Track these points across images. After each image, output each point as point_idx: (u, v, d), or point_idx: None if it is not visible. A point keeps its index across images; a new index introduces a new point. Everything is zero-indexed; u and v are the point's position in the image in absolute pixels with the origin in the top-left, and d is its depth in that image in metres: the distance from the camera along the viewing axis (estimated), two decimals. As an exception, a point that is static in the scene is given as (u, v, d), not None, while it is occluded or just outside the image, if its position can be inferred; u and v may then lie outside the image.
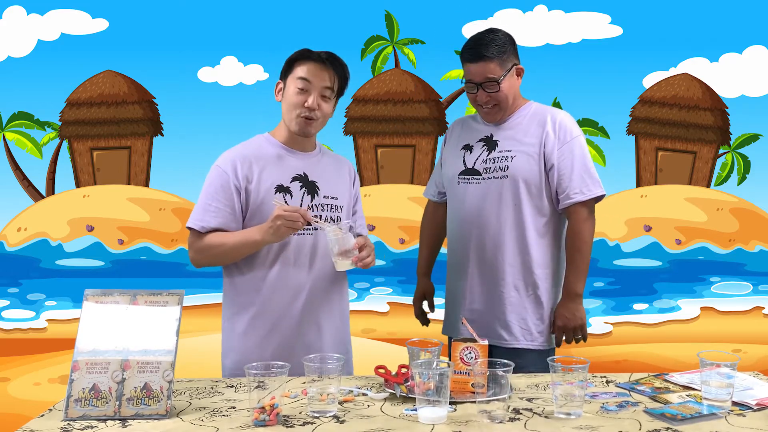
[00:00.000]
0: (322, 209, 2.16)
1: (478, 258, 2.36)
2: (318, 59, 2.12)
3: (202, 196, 2.12)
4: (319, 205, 2.16)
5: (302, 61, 2.12)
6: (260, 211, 2.10)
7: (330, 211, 2.18)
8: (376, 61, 3.78)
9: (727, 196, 3.75)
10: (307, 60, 2.12)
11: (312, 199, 2.15)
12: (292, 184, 2.14)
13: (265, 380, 1.61)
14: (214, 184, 2.11)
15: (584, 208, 2.31)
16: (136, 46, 3.68)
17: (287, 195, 2.12)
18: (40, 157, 3.73)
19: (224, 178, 2.10)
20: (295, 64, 2.13)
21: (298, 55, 2.14)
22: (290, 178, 2.14)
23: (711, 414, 1.60)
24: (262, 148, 2.17)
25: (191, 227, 2.11)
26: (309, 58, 2.12)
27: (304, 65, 2.12)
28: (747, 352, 3.62)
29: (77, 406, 1.62)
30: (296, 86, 2.11)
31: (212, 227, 2.09)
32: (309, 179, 2.17)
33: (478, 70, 2.30)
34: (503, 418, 1.58)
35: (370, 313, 3.68)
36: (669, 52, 3.72)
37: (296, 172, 2.16)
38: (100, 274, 3.69)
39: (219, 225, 2.09)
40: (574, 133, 2.33)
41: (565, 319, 2.32)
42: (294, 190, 2.14)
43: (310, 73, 2.11)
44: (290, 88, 2.13)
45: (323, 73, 2.12)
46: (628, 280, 3.72)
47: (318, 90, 2.11)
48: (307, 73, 2.11)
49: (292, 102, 2.12)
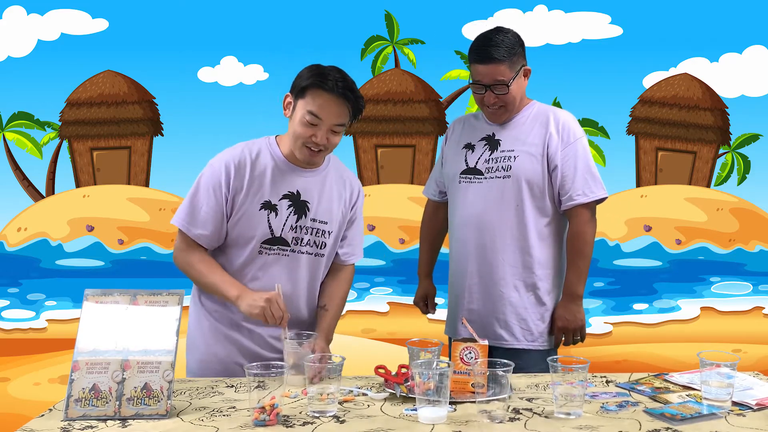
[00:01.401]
0: (305, 232, 2.08)
1: (478, 258, 2.36)
2: (332, 91, 1.96)
3: (192, 194, 2.06)
4: (304, 227, 2.08)
5: (316, 90, 1.97)
6: (241, 223, 2.05)
7: (314, 235, 2.10)
8: (376, 61, 3.78)
9: (727, 196, 3.75)
10: (320, 90, 1.96)
11: (298, 219, 2.07)
12: (281, 202, 2.06)
13: (265, 380, 1.61)
14: (206, 186, 2.05)
15: (586, 210, 2.31)
16: (136, 46, 3.68)
17: (272, 213, 2.05)
18: (40, 157, 3.73)
19: (217, 182, 2.04)
20: (308, 91, 1.98)
21: (312, 80, 1.98)
22: (280, 195, 2.06)
23: (711, 414, 1.60)
24: (261, 158, 2.07)
25: (180, 228, 2.07)
26: (323, 87, 1.96)
27: (317, 96, 1.97)
28: (747, 352, 3.62)
29: (77, 406, 1.62)
30: (305, 118, 1.98)
31: (199, 233, 2.05)
32: (300, 198, 2.08)
33: (487, 71, 2.26)
34: (503, 418, 1.58)
35: (370, 313, 3.68)
36: (669, 52, 3.72)
37: (288, 190, 2.07)
38: (100, 274, 3.69)
39: (207, 233, 2.04)
40: (578, 135, 2.33)
41: (565, 321, 2.32)
42: (281, 208, 2.06)
43: (322, 109, 1.97)
44: (298, 115, 2.00)
45: (336, 108, 1.98)
46: (628, 280, 3.72)
47: (328, 126, 1.99)
48: (318, 109, 1.97)
49: (298, 132, 2.01)
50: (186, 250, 2.08)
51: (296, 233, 2.07)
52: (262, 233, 2.05)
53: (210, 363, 2.09)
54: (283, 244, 2.06)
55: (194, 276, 2.09)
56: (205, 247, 2.08)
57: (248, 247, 2.06)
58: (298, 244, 2.08)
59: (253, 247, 2.06)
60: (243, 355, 2.08)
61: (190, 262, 2.07)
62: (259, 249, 2.06)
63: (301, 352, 1.89)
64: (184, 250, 2.08)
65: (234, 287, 2.02)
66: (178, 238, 2.11)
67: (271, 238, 2.06)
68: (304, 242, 2.09)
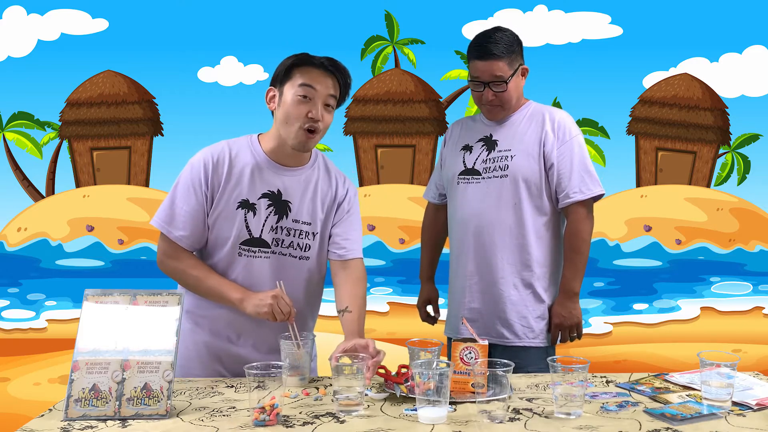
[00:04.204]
0: (286, 233, 2.01)
1: (477, 257, 2.36)
2: (320, 65, 1.96)
3: (172, 194, 1.99)
4: (284, 228, 2.00)
5: (303, 67, 1.95)
6: (218, 224, 1.98)
7: (296, 237, 2.02)
8: (376, 61, 3.78)
9: (727, 196, 3.75)
10: (308, 65, 1.96)
11: (278, 220, 1.99)
12: (260, 201, 1.98)
13: (265, 380, 1.61)
14: (185, 186, 1.98)
15: (583, 208, 2.32)
16: (136, 46, 3.68)
17: (250, 212, 1.97)
18: (40, 157, 3.73)
19: (196, 181, 1.97)
20: (294, 69, 1.96)
21: (297, 60, 1.97)
22: (259, 194, 1.99)
23: (711, 414, 1.60)
24: (241, 155, 2.01)
25: (160, 230, 2.00)
26: (310, 63, 1.96)
27: (305, 71, 1.95)
28: (747, 352, 3.62)
29: (77, 406, 1.62)
30: (297, 94, 1.94)
31: (180, 235, 1.97)
32: (281, 198, 2.00)
33: (486, 68, 2.28)
34: (503, 418, 1.58)
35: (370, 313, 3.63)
36: (669, 52, 3.72)
37: (269, 189, 2.00)
38: (100, 274, 3.69)
39: (187, 234, 1.97)
40: (573, 133, 2.34)
41: (561, 318, 2.33)
42: (260, 208, 1.98)
43: (313, 79, 1.94)
44: (289, 97, 1.95)
45: (326, 79, 1.96)
46: (628, 280, 3.72)
47: (322, 98, 1.95)
48: (310, 80, 1.94)
49: (292, 113, 1.95)
50: (174, 256, 2.00)
51: (276, 234, 2.00)
52: (238, 234, 1.98)
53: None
54: (263, 246, 1.99)
55: (190, 282, 2.00)
56: (188, 249, 2.01)
57: (225, 249, 1.99)
58: (279, 246, 2.01)
59: (230, 249, 1.99)
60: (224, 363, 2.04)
61: (182, 269, 2.00)
62: (238, 251, 1.99)
63: (298, 354, 1.89)
64: (172, 256, 2.00)
65: (236, 290, 1.97)
66: (161, 242, 2.02)
67: (249, 239, 1.98)
68: (285, 244, 2.01)
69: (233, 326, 2.04)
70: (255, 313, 1.93)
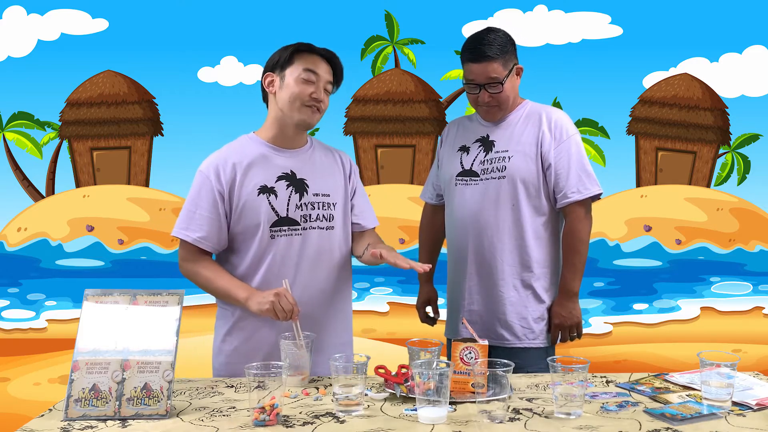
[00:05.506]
0: (312, 207, 2.10)
1: (476, 259, 2.36)
2: (319, 52, 2.11)
3: (187, 203, 2.08)
4: (308, 204, 2.10)
5: (305, 54, 2.09)
6: (244, 215, 2.05)
7: (322, 209, 2.11)
8: (376, 61, 3.78)
9: (727, 196, 3.75)
10: (308, 52, 2.09)
11: (300, 197, 2.09)
12: (278, 184, 2.08)
13: (265, 380, 1.61)
14: (198, 191, 2.06)
15: (581, 207, 2.32)
16: (136, 46, 3.68)
17: (272, 196, 2.06)
18: (40, 157, 3.73)
19: (207, 184, 2.05)
20: (296, 55, 2.08)
21: (297, 46, 2.10)
22: (275, 178, 2.08)
23: (711, 414, 1.60)
24: (245, 149, 2.11)
25: (178, 237, 2.07)
26: (310, 50, 2.10)
27: (307, 57, 2.08)
28: (747, 352, 3.62)
29: (77, 406, 1.62)
30: (301, 77, 2.06)
31: (198, 236, 2.04)
32: (297, 177, 2.11)
33: (481, 70, 2.29)
34: (503, 418, 1.58)
35: (370, 313, 3.68)
36: (669, 52, 3.72)
37: (282, 171, 2.10)
38: (100, 274, 3.69)
39: (204, 234, 2.04)
40: (570, 132, 2.33)
41: (561, 318, 2.33)
42: (279, 190, 2.07)
43: (315, 65, 2.08)
44: (293, 78, 2.07)
45: (325, 66, 2.10)
46: (628, 280, 3.72)
47: (323, 82, 2.08)
48: (313, 65, 2.07)
49: (296, 92, 2.06)
50: (190, 259, 2.08)
51: (303, 211, 2.09)
52: (267, 217, 2.05)
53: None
54: (292, 224, 2.06)
55: (202, 283, 2.08)
56: (209, 251, 2.08)
57: (258, 236, 2.05)
58: (307, 221, 2.09)
59: (262, 234, 2.05)
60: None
61: (196, 271, 2.07)
62: (270, 234, 2.05)
63: (298, 353, 1.89)
64: (188, 260, 2.08)
65: (242, 289, 2.02)
66: (179, 249, 2.10)
67: (277, 219, 2.06)
68: (312, 218, 2.10)
69: None
70: (258, 311, 1.97)
